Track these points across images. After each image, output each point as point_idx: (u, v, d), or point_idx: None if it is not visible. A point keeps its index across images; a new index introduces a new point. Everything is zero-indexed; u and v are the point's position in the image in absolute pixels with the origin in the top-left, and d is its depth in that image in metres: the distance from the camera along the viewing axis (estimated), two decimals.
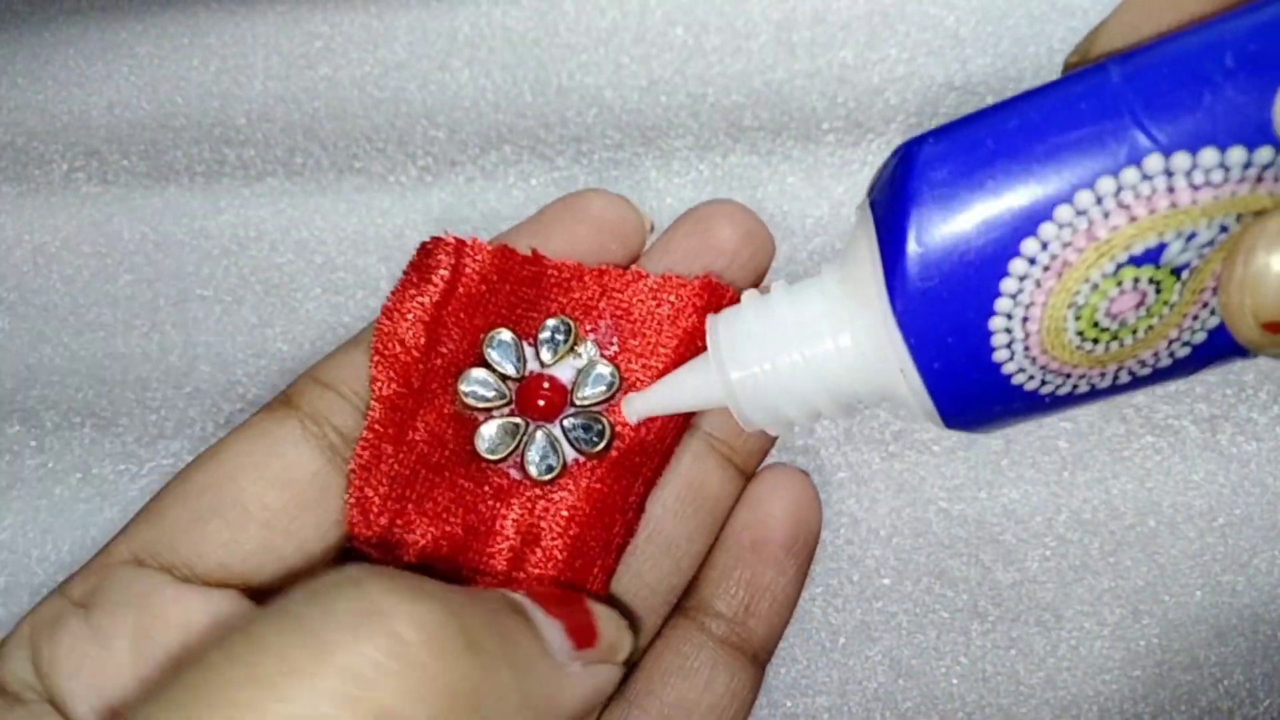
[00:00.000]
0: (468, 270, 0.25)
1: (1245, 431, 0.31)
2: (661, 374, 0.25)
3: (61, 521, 0.33)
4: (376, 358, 0.24)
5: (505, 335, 0.25)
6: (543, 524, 0.25)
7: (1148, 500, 0.31)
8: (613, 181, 0.35)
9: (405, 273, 0.25)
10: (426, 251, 0.25)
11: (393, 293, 0.25)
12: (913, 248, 0.19)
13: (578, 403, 0.25)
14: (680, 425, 0.26)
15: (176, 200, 0.36)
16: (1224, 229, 0.18)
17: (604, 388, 0.25)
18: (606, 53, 0.35)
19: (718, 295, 0.26)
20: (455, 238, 0.25)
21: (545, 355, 0.25)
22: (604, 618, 0.23)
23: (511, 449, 0.25)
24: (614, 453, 0.25)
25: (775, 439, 0.28)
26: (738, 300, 0.25)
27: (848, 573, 0.32)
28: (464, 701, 0.17)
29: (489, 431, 0.25)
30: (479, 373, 0.25)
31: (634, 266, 0.26)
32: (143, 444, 0.33)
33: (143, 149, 0.36)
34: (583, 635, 0.21)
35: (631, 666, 0.26)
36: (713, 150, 0.35)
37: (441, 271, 0.25)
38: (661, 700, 0.26)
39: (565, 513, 0.25)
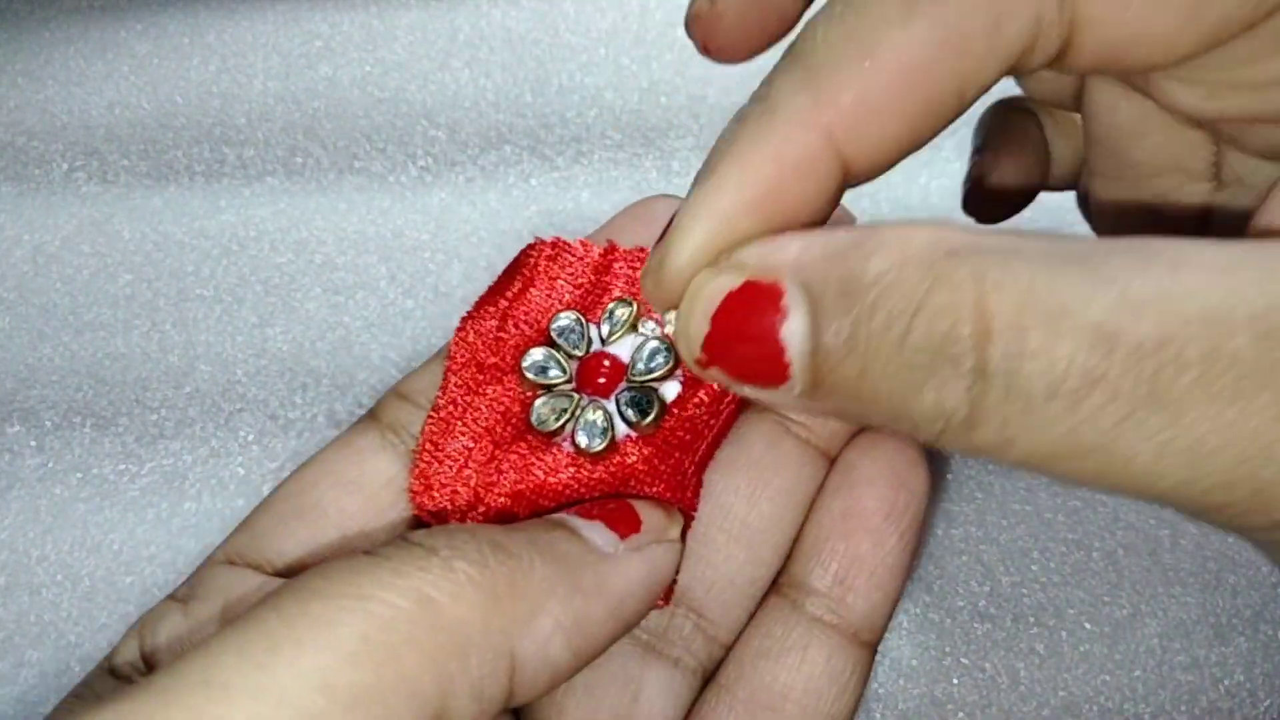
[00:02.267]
0: (545, 262, 0.27)
1: None
2: None
3: (61, 521, 0.33)
4: (456, 339, 0.26)
5: (569, 315, 0.26)
6: (590, 497, 0.25)
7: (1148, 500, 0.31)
8: (613, 181, 0.35)
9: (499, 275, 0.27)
10: (521, 254, 0.27)
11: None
12: None
13: (633, 377, 0.25)
14: (734, 406, 0.26)
15: (176, 200, 0.36)
16: None
17: (660, 361, 0.25)
18: (607, 53, 0.35)
19: None
20: (545, 240, 0.27)
21: (605, 332, 0.26)
22: (645, 507, 0.23)
23: (562, 423, 0.25)
24: (663, 428, 0.25)
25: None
26: None
27: None
28: (506, 595, 0.19)
29: (539, 405, 0.25)
30: (539, 351, 0.26)
31: None
32: (142, 444, 0.33)
33: (143, 149, 0.36)
34: (625, 524, 0.22)
35: (723, 653, 0.26)
36: None
37: (524, 270, 0.27)
38: (752, 684, 0.25)
39: (612, 486, 0.25)
